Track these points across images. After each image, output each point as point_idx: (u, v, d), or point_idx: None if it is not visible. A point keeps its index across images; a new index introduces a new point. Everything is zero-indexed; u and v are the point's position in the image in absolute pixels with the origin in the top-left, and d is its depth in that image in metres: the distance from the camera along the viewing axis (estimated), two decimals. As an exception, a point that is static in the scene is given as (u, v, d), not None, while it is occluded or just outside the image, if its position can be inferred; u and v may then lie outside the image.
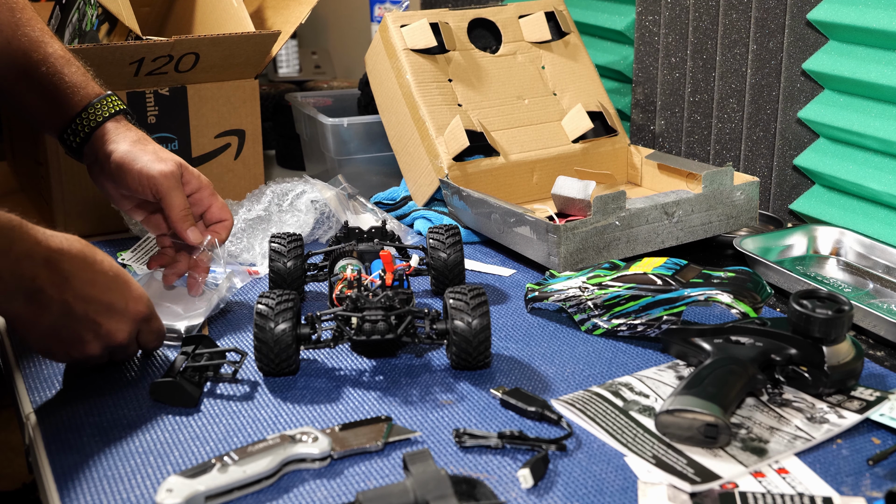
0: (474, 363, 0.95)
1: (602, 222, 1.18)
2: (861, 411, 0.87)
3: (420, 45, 1.39)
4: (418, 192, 1.42)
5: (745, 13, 1.40)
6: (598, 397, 0.91)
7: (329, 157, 1.56)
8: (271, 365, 0.94)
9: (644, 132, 1.65)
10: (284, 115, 1.79)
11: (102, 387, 0.94)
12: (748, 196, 1.28)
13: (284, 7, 1.58)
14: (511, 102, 1.44)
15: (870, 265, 1.21)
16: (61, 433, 0.86)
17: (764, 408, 0.89)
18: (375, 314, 0.93)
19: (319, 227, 1.35)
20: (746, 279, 1.01)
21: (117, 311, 0.90)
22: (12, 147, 1.63)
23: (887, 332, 1.02)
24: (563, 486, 0.78)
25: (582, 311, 1.06)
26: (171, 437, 0.85)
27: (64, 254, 0.86)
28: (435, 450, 0.83)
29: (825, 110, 1.33)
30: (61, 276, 0.85)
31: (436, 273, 1.14)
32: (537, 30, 1.50)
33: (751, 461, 0.80)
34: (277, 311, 0.93)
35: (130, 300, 0.91)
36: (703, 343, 0.94)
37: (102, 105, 1.09)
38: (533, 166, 1.41)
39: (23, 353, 1.02)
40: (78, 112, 1.09)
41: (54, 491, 0.78)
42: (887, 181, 1.24)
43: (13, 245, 0.82)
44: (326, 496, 0.77)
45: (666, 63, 1.56)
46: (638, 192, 1.46)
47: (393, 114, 1.43)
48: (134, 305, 0.91)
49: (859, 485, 0.78)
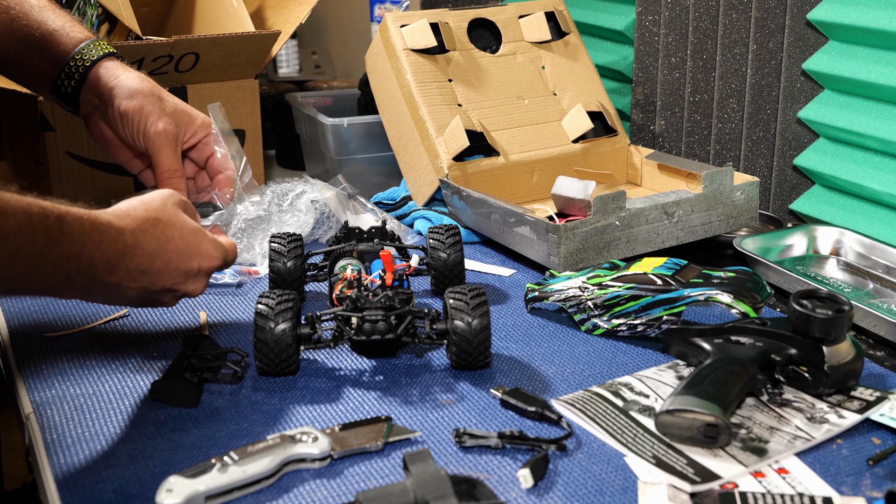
0: (474, 363, 0.95)
1: (602, 222, 1.18)
2: (861, 411, 0.87)
3: (420, 45, 1.39)
4: (418, 192, 1.42)
5: (745, 13, 1.40)
6: (598, 397, 0.91)
7: (329, 157, 1.56)
8: (271, 365, 0.94)
9: (644, 132, 1.65)
10: (284, 115, 1.79)
11: (103, 386, 0.94)
12: (748, 196, 1.28)
13: (284, 7, 1.58)
14: (511, 102, 1.44)
15: (870, 265, 1.21)
16: (61, 433, 0.86)
17: (764, 408, 0.89)
18: (375, 314, 0.93)
19: (319, 227, 1.35)
20: (746, 279, 1.01)
21: (193, 274, 0.92)
22: (12, 147, 1.63)
23: (887, 332, 1.02)
24: (563, 486, 0.78)
25: (582, 311, 1.06)
26: (171, 437, 0.85)
27: (137, 248, 0.86)
28: (435, 450, 0.83)
29: (825, 110, 1.33)
30: (136, 270, 0.87)
31: (436, 273, 1.14)
32: (537, 30, 1.50)
33: (751, 461, 0.80)
34: (277, 311, 0.93)
35: (204, 260, 0.93)
36: (703, 343, 0.94)
37: (94, 47, 1.07)
38: (533, 166, 1.41)
39: (23, 353, 1.02)
40: (70, 54, 1.06)
41: (54, 491, 0.78)
42: (887, 181, 1.24)
43: (84, 248, 0.82)
44: (326, 496, 0.77)
45: (666, 63, 1.56)
46: (638, 192, 1.46)
47: (393, 114, 1.43)
48: (208, 263, 0.93)
49: (859, 485, 0.78)
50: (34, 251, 0.78)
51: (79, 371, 0.98)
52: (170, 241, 0.89)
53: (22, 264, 0.78)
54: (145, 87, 1.06)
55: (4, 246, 0.76)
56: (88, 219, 0.83)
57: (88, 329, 1.08)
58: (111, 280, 0.85)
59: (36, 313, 1.12)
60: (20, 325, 1.09)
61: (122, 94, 1.05)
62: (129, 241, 0.86)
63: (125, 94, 1.05)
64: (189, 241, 0.91)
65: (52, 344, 1.04)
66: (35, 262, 0.79)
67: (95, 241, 0.83)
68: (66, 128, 1.37)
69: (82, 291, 0.86)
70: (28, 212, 0.78)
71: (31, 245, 0.78)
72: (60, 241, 0.80)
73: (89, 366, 0.99)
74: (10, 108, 1.55)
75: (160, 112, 1.05)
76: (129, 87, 1.06)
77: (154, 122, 1.04)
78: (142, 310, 1.12)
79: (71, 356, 1.01)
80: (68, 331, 1.07)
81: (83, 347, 1.03)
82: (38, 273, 0.80)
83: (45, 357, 1.01)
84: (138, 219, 0.88)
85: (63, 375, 0.97)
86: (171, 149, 1.06)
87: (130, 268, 0.86)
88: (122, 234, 0.85)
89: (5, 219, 0.76)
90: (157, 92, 1.07)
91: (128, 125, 1.05)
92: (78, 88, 1.08)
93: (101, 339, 1.05)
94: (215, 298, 1.16)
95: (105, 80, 1.07)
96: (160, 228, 0.89)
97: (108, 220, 0.85)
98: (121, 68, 1.08)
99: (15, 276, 0.78)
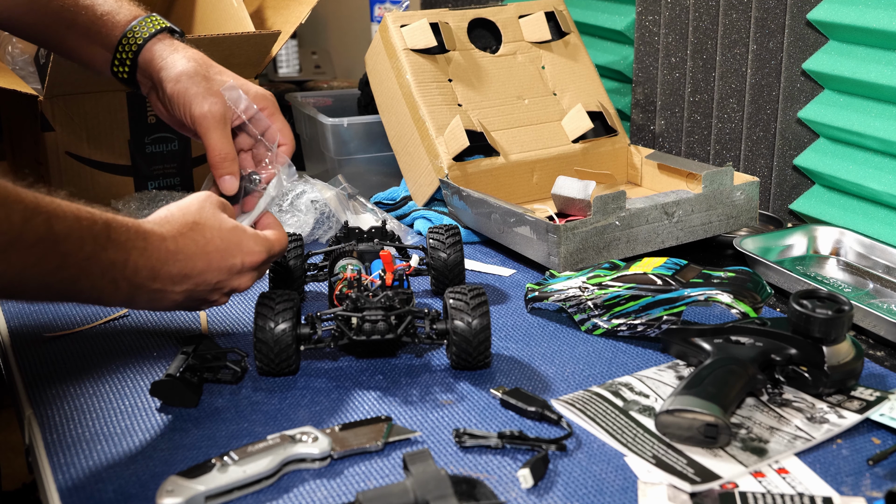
0: (474, 363, 0.95)
1: (602, 222, 1.18)
2: (861, 411, 0.87)
3: (420, 45, 1.39)
4: (418, 192, 1.42)
5: (745, 13, 1.40)
6: (598, 397, 0.91)
7: (329, 157, 1.56)
8: (271, 365, 0.94)
9: (644, 132, 1.65)
10: (284, 115, 1.79)
11: (102, 386, 0.94)
12: (748, 196, 1.28)
13: (284, 7, 1.58)
14: (511, 102, 1.44)
15: (870, 265, 1.21)
16: (61, 433, 0.86)
17: (764, 408, 0.89)
18: (375, 314, 0.93)
19: (319, 227, 1.35)
20: (746, 279, 1.01)
21: (236, 271, 0.92)
22: (12, 147, 1.63)
23: (887, 332, 1.02)
24: (563, 486, 0.78)
25: (582, 311, 1.06)
26: (171, 437, 0.85)
27: (179, 254, 0.87)
28: (435, 450, 0.83)
29: (825, 110, 1.33)
30: (179, 275, 0.87)
31: (436, 273, 1.14)
32: (537, 30, 1.50)
33: (751, 461, 0.80)
34: (277, 311, 0.93)
35: (246, 256, 0.92)
36: (703, 343, 0.94)
37: (141, 26, 1.05)
38: (533, 166, 1.41)
39: (23, 353, 1.02)
40: (119, 39, 1.05)
41: (54, 491, 0.78)
42: (887, 181, 1.24)
43: (129, 255, 0.82)
44: (326, 496, 0.77)
45: (666, 63, 1.56)
46: (638, 192, 1.46)
47: (393, 114, 1.43)
48: (251, 258, 0.93)
49: (859, 485, 0.78)
50: (82, 256, 0.79)
51: (79, 371, 0.98)
52: (209, 242, 0.90)
53: (70, 269, 0.78)
54: (190, 68, 1.03)
55: (55, 249, 0.76)
56: (133, 226, 0.84)
57: (88, 329, 1.08)
58: (154, 286, 0.86)
59: (36, 313, 1.12)
60: (20, 325, 1.09)
61: (169, 77, 1.03)
62: (171, 246, 0.86)
63: (171, 78, 1.03)
64: (229, 240, 0.91)
65: (52, 344, 1.04)
66: (82, 267, 0.79)
67: (140, 249, 0.83)
68: (66, 128, 1.38)
69: (127, 299, 0.86)
70: (77, 216, 0.79)
71: (79, 250, 0.78)
72: (107, 247, 0.80)
73: (89, 366, 0.99)
74: (10, 108, 1.55)
75: (205, 93, 1.02)
76: (176, 69, 1.03)
77: (200, 104, 1.02)
78: (142, 311, 1.12)
79: (71, 356, 1.01)
80: (68, 331, 1.07)
81: (83, 347, 1.03)
82: (85, 279, 0.80)
83: (45, 357, 1.01)
84: (178, 224, 0.88)
85: (63, 375, 0.97)
86: (218, 130, 1.02)
87: (173, 273, 0.87)
88: (164, 241, 0.86)
89: (57, 221, 0.76)
90: (204, 71, 1.04)
91: (175, 108, 1.04)
92: (133, 73, 1.07)
93: (101, 339, 1.05)
94: (215, 298, 1.16)
95: (154, 63, 1.05)
96: (199, 231, 0.89)
97: (151, 228, 0.86)
98: (168, 48, 1.05)
99: (63, 280, 0.79)
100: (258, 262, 0.94)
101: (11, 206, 0.74)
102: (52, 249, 0.76)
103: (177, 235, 0.87)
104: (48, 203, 0.77)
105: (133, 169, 1.45)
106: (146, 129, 1.44)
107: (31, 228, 0.75)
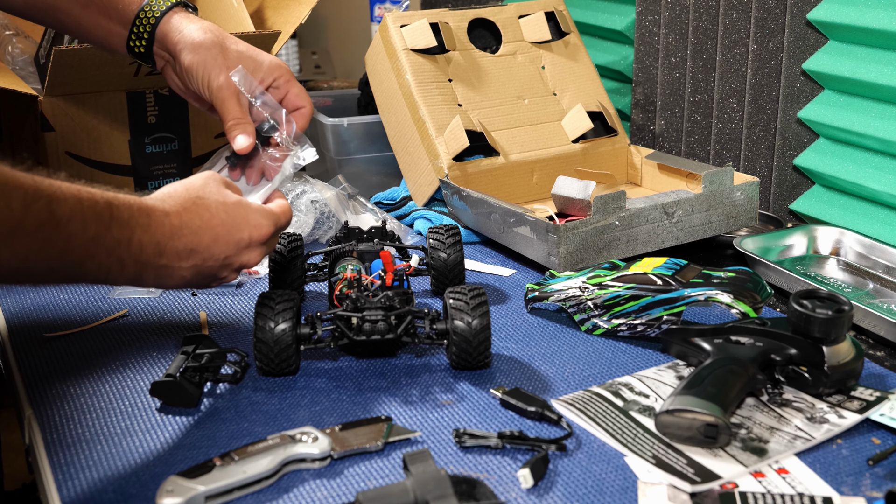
0: (474, 363, 0.95)
1: (602, 222, 1.18)
2: (861, 411, 0.87)
3: (420, 45, 1.40)
4: (418, 192, 1.42)
5: (745, 13, 1.40)
6: (598, 397, 0.91)
7: (329, 157, 1.56)
8: (271, 365, 0.94)
9: (644, 132, 1.65)
10: (284, 115, 1.79)
11: (102, 386, 0.94)
12: (748, 196, 1.28)
13: (284, 7, 1.58)
14: (511, 102, 1.44)
15: (870, 265, 1.21)
16: (61, 433, 0.86)
17: (764, 408, 0.89)
18: (375, 314, 0.93)
19: (319, 227, 1.35)
20: (746, 279, 1.01)
21: (244, 245, 0.92)
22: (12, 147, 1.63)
23: (887, 332, 1.02)
24: (563, 486, 0.78)
25: (582, 311, 1.06)
26: (171, 437, 0.85)
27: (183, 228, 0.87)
28: (435, 450, 0.83)
29: (825, 110, 1.33)
30: (185, 249, 0.87)
31: (436, 273, 1.14)
32: (537, 30, 1.50)
33: (751, 461, 0.80)
34: (277, 311, 0.93)
35: (254, 230, 0.92)
36: (703, 343, 0.94)
37: (157, 1, 1.07)
38: (533, 166, 1.41)
39: (23, 353, 1.02)
40: (136, 14, 1.06)
41: (54, 491, 0.78)
42: (887, 181, 1.24)
43: (133, 233, 0.83)
44: (326, 496, 0.77)
45: (666, 63, 1.56)
46: (638, 192, 1.46)
47: (393, 114, 1.43)
48: (258, 232, 0.93)
49: (859, 485, 0.78)
50: (86, 238, 0.79)
51: (79, 371, 0.98)
52: (214, 216, 0.90)
53: (75, 251, 0.78)
54: (207, 40, 1.05)
55: (59, 232, 0.76)
56: (136, 203, 0.84)
57: (88, 329, 1.08)
58: (161, 262, 0.86)
59: (36, 313, 1.12)
60: (20, 325, 1.09)
61: (186, 48, 1.04)
62: (175, 221, 0.87)
63: (188, 49, 1.04)
64: (234, 214, 0.91)
65: (52, 344, 1.04)
66: (88, 248, 0.79)
67: (144, 225, 0.84)
68: (66, 128, 1.37)
69: (135, 277, 0.86)
70: (79, 197, 0.79)
71: (83, 231, 0.78)
72: (111, 226, 0.80)
73: (89, 366, 0.99)
74: (10, 108, 1.55)
75: (222, 65, 1.04)
76: (192, 40, 1.05)
77: (216, 76, 1.03)
78: (142, 310, 1.12)
79: (71, 356, 1.01)
80: (68, 331, 1.07)
81: (83, 347, 1.03)
82: (91, 260, 0.80)
83: (45, 357, 1.01)
84: (181, 199, 0.89)
85: (63, 375, 0.97)
86: (233, 100, 1.04)
87: (179, 248, 0.87)
88: (167, 216, 0.86)
89: (59, 205, 0.76)
90: (221, 42, 1.06)
91: (192, 80, 1.05)
92: (149, 47, 1.08)
93: (101, 339, 1.05)
94: (215, 298, 1.16)
95: (171, 35, 1.06)
96: (203, 205, 0.89)
97: (154, 204, 0.86)
98: (185, 20, 1.07)
99: (69, 262, 0.79)
100: (266, 235, 0.94)
101: (11, 192, 0.73)
102: (55, 233, 0.76)
103: (181, 210, 0.87)
104: (48, 186, 0.77)
105: (133, 169, 1.45)
106: (146, 129, 1.44)
107: (33, 214, 0.75)
